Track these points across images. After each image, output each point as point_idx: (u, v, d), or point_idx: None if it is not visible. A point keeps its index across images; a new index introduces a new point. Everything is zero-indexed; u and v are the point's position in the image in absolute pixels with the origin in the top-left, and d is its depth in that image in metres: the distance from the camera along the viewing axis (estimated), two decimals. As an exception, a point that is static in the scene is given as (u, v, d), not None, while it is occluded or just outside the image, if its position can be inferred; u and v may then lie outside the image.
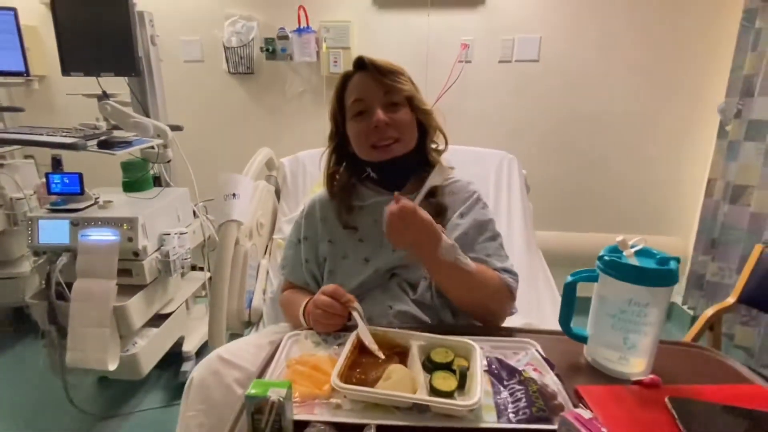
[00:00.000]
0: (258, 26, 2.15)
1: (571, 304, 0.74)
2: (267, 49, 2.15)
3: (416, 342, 0.72)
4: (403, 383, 0.63)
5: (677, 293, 2.22)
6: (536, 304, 1.14)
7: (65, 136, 1.46)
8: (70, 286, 1.49)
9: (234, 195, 1.20)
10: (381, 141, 0.87)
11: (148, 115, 1.86)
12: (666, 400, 0.62)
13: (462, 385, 0.65)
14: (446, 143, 0.97)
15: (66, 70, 1.72)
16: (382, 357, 0.69)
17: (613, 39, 2.03)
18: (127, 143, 1.50)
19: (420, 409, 0.61)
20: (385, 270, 0.90)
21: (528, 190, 1.59)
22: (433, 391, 0.63)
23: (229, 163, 1.53)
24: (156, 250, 1.63)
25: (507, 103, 2.16)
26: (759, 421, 0.60)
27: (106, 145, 1.43)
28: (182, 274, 1.80)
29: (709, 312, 1.43)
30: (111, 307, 1.48)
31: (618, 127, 2.14)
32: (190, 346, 1.87)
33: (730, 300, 1.43)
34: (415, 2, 2.07)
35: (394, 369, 0.65)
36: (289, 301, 0.93)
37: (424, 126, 0.93)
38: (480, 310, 0.85)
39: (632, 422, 0.60)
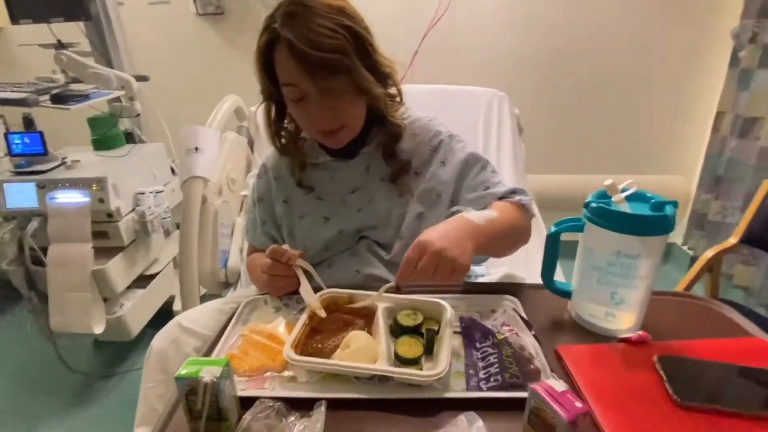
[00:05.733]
0: (224, -41, 1.94)
1: (553, 257, 0.67)
2: (236, -15, 1.95)
3: (382, 304, 0.65)
4: (363, 351, 0.57)
5: (677, 234, 2.16)
6: (524, 255, 1.07)
7: (15, 91, 1.34)
8: (46, 250, 1.44)
9: (196, 149, 1.10)
10: (325, 128, 0.76)
11: (110, 65, 1.72)
12: (654, 359, 0.56)
13: (430, 349, 0.60)
14: (401, 99, 0.83)
15: (14, 18, 1.57)
16: (323, 315, 0.64)
17: (617, -43, 1.82)
18: (84, 97, 1.38)
19: (382, 378, 0.56)
20: (352, 231, 0.83)
21: (521, 131, 1.47)
22: (398, 359, 0.58)
23: (205, 115, 1.42)
24: (131, 211, 1.56)
25: (499, 38, 1.98)
26: (756, 378, 0.54)
27: (60, 99, 1.31)
28: (166, 234, 1.74)
29: (710, 253, 1.36)
30: (89, 271, 1.44)
31: (619, 56, 1.97)
32: (180, 305, 1.85)
33: (732, 240, 1.36)
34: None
35: (354, 336, 0.59)
36: (252, 265, 0.87)
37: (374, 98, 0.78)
38: (513, 246, 0.80)
39: (616, 386, 0.54)
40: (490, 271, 0.98)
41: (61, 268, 1.43)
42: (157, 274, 1.75)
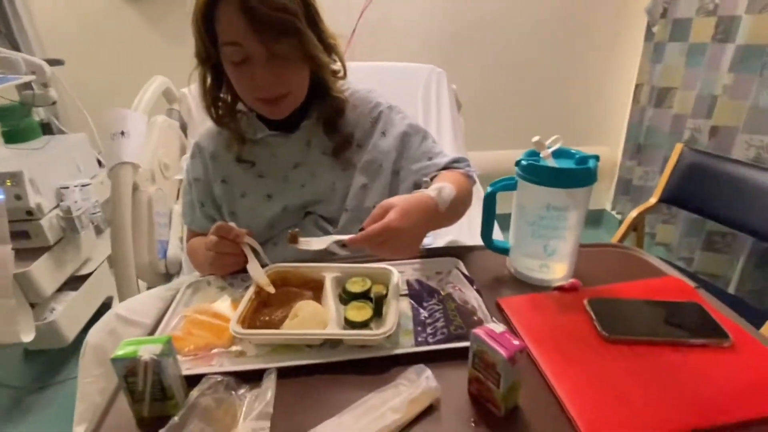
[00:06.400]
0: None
1: (491, 217, 0.70)
2: (157, -39, 1.82)
3: (330, 274, 0.66)
4: (312, 319, 0.57)
5: (606, 200, 2.32)
6: (467, 225, 1.11)
7: None
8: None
9: (122, 133, 1.03)
10: (268, 94, 0.73)
11: (17, 49, 1.56)
12: (584, 302, 0.61)
13: (380, 313, 0.61)
14: (344, 74, 0.82)
15: None
16: (272, 290, 0.63)
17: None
18: (-15, 83, 1.24)
19: (332, 344, 0.57)
20: (297, 207, 0.82)
21: (459, 106, 1.51)
22: (348, 323, 0.58)
23: (131, 101, 1.32)
24: (55, 207, 1.44)
25: (432, 14, 2.00)
26: (668, 310, 0.60)
27: (-44, 86, 1.17)
28: (97, 230, 1.62)
29: (633, 213, 1.48)
30: (11, 275, 1.32)
31: (549, 36, 2.06)
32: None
33: (652, 200, 1.48)
34: None
35: (301, 306, 0.59)
36: (193, 249, 0.84)
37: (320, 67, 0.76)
38: (461, 215, 0.79)
39: (551, 328, 0.58)
40: (436, 241, 1.01)
41: (-24, 273, 1.30)
42: (90, 274, 1.63)
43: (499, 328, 0.46)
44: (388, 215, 0.60)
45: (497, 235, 0.76)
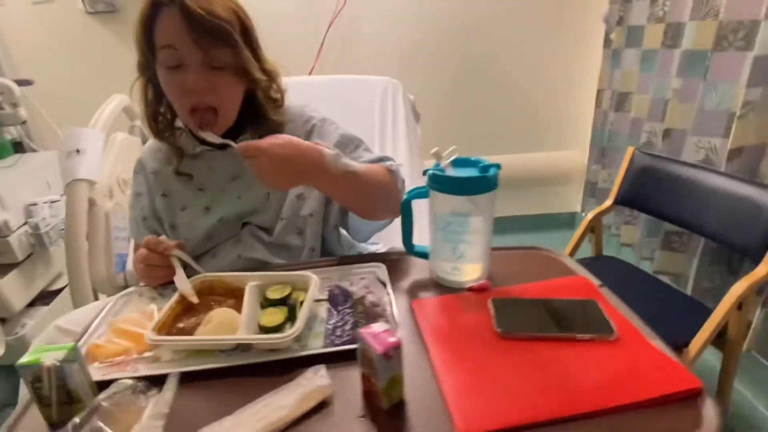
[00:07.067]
0: (110, -46, 1.85)
1: (409, 223, 0.73)
2: (126, -18, 1.88)
3: (252, 282, 0.69)
4: (225, 325, 0.60)
5: (576, 203, 2.37)
6: (418, 236, 1.14)
7: None
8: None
9: (78, 151, 1.07)
10: (198, 101, 0.74)
11: (-14, 71, 1.60)
12: (489, 301, 0.65)
13: (294, 317, 0.64)
14: (282, 102, 0.86)
15: None
16: (196, 301, 0.66)
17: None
18: (-51, 105, 1.28)
19: (243, 348, 0.60)
20: (234, 219, 0.85)
21: (417, 116, 1.55)
22: (261, 328, 0.61)
23: None
24: (23, 224, 1.47)
25: (394, 28, 2.06)
26: (565, 307, 0.63)
27: None
28: (68, 246, 1.65)
29: (590, 216, 1.52)
30: (-22, 292, 1.35)
31: (512, 45, 2.13)
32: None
33: (608, 203, 1.52)
34: None
35: (216, 312, 0.62)
36: (136, 261, 0.87)
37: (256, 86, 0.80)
38: (378, 204, 0.80)
39: (452, 327, 0.62)
40: (380, 247, 1.04)
41: (-56, 291, 1.33)
42: (62, 289, 1.66)
43: (381, 327, 0.50)
44: (269, 138, 0.64)
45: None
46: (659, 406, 0.49)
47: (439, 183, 0.65)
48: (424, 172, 0.67)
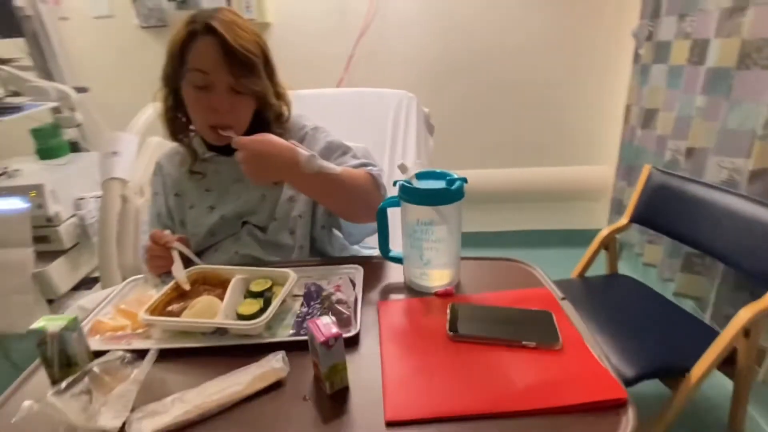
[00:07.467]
0: (164, -25, 2.05)
1: (384, 230, 0.79)
2: (176, -1, 2.06)
3: (239, 275, 0.77)
4: (206, 310, 0.68)
5: (603, 219, 2.30)
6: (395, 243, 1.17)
7: (-49, 106, 1.44)
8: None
9: (114, 153, 1.20)
10: (219, 121, 0.84)
11: (51, 78, 1.81)
12: (448, 306, 0.69)
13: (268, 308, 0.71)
14: (288, 118, 0.95)
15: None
16: (188, 288, 0.75)
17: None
18: (17, 109, 1.47)
19: (221, 332, 0.67)
20: (233, 217, 0.93)
21: (431, 129, 1.60)
22: (238, 316, 0.69)
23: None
24: (72, 216, 1.65)
25: (430, 43, 2.12)
26: (519, 316, 0.66)
27: (-7, 112, 1.41)
28: (111, 237, 1.82)
29: (604, 232, 1.51)
30: (30, 274, 1.53)
31: (537, 59, 2.13)
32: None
33: (624, 221, 1.50)
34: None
35: (200, 300, 0.70)
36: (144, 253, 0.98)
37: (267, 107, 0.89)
38: (356, 205, 0.84)
39: (409, 328, 0.66)
40: (374, 252, 1.10)
41: (2, 271, 1.52)
42: (104, 275, 1.83)
43: (327, 320, 0.55)
44: (253, 135, 0.72)
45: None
46: (583, 412, 0.51)
47: (407, 193, 0.70)
48: (394, 183, 0.72)
